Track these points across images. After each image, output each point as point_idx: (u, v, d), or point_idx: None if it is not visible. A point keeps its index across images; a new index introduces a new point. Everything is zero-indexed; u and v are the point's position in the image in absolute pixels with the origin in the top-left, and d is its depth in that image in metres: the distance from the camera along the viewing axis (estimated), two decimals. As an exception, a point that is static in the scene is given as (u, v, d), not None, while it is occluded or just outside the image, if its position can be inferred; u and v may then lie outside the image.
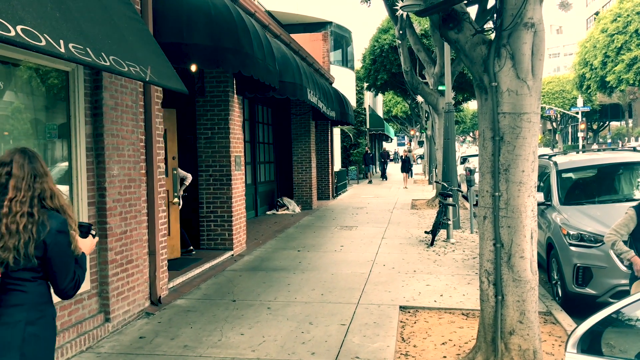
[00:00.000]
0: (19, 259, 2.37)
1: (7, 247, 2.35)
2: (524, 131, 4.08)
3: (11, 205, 2.39)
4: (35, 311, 2.43)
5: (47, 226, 2.42)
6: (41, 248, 2.41)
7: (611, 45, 39.17)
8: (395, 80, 26.49)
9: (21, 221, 2.37)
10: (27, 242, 2.36)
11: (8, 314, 2.36)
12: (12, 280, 2.40)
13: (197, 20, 6.49)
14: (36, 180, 2.46)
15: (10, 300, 2.39)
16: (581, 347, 2.68)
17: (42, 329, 2.45)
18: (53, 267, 2.44)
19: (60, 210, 2.51)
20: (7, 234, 2.36)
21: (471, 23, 4.22)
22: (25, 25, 3.26)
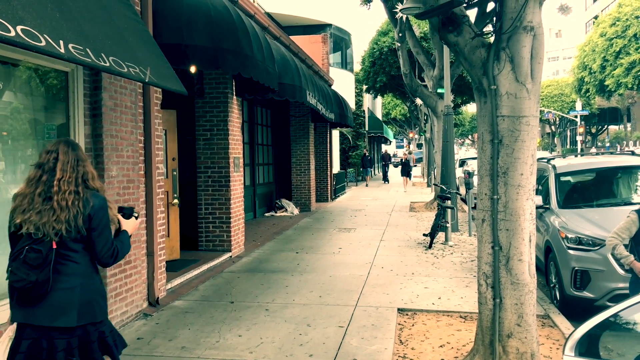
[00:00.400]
0: (70, 230, 2.75)
1: (60, 219, 2.73)
2: (522, 134, 4.08)
3: (60, 184, 2.77)
4: (87, 278, 2.85)
5: (91, 202, 2.83)
6: (86, 221, 2.80)
7: (610, 49, 39.27)
8: (395, 83, 26.52)
9: (69, 198, 2.76)
10: (75, 215, 2.76)
11: (66, 281, 2.77)
12: (66, 252, 2.79)
13: (197, 21, 6.50)
14: (79, 164, 2.87)
15: (67, 269, 2.78)
16: (579, 351, 2.69)
17: (93, 293, 2.87)
18: (93, 238, 2.83)
19: (99, 190, 2.94)
20: (58, 209, 2.74)
21: (470, 26, 4.23)
22: (25, 25, 3.26)
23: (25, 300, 2.73)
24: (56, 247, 2.75)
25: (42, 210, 2.75)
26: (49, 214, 2.74)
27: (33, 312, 2.73)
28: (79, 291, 2.80)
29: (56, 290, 2.75)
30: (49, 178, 2.80)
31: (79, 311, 2.78)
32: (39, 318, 2.72)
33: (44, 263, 2.69)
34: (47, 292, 2.72)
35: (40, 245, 2.71)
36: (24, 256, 2.69)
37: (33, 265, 2.68)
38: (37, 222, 2.74)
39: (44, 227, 2.73)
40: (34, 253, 2.69)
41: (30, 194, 2.79)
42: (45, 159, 2.85)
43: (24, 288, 2.68)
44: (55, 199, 2.75)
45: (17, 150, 4.65)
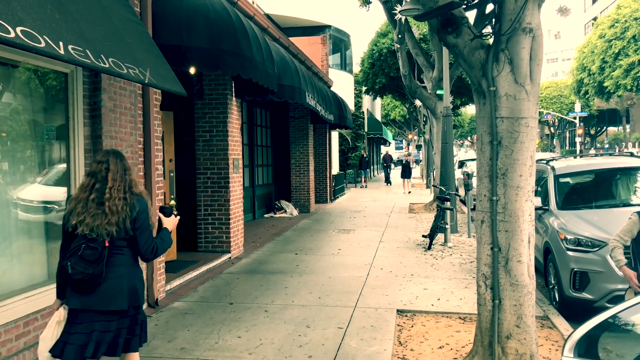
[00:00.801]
0: (120, 230, 3.20)
1: (111, 222, 3.16)
2: (521, 136, 4.09)
3: (111, 192, 3.20)
4: (131, 268, 3.32)
5: (137, 207, 3.26)
6: (132, 223, 3.23)
7: (609, 51, 39.29)
8: (394, 84, 26.55)
9: (119, 203, 3.19)
10: (124, 219, 3.20)
11: (115, 271, 3.23)
12: (115, 248, 3.24)
13: (196, 22, 6.50)
14: (126, 173, 3.30)
15: (116, 261, 3.24)
16: (578, 352, 2.69)
17: (137, 281, 3.34)
18: (137, 237, 3.26)
19: (141, 195, 3.35)
20: (110, 213, 3.17)
21: (470, 28, 4.24)
22: (24, 26, 3.26)
23: (82, 289, 3.18)
24: (108, 245, 3.19)
25: (95, 214, 3.17)
26: (101, 218, 3.17)
27: (89, 299, 3.17)
28: (126, 279, 3.26)
29: (108, 279, 3.20)
30: (102, 186, 3.23)
31: (127, 296, 3.24)
32: (94, 304, 3.17)
33: (99, 258, 3.14)
34: (101, 282, 3.18)
35: (95, 243, 3.15)
36: (81, 253, 3.13)
37: (90, 260, 3.12)
38: (91, 224, 3.15)
39: (97, 229, 3.15)
40: (90, 250, 3.13)
41: (84, 199, 3.22)
42: (97, 169, 3.28)
43: (82, 279, 3.13)
44: (107, 205, 3.18)
45: (16, 151, 4.65)
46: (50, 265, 4.94)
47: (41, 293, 4.62)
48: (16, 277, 4.56)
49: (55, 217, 5.11)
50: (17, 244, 4.60)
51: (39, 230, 4.91)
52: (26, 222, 4.76)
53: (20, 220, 4.68)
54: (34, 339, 4.52)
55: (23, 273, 4.65)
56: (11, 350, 4.27)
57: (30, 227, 4.81)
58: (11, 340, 4.28)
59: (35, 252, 4.83)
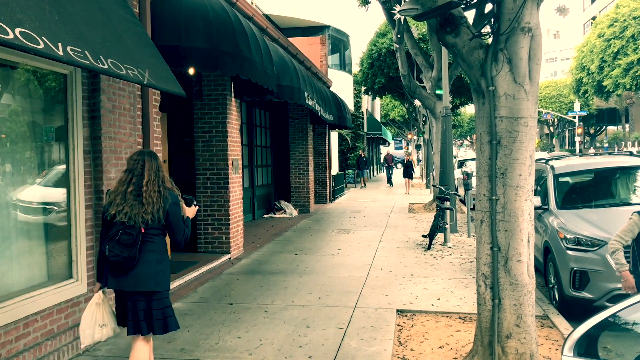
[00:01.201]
0: (154, 220, 3.62)
1: (147, 211, 3.60)
2: (521, 135, 4.09)
3: (147, 185, 3.64)
4: (161, 255, 3.70)
5: (169, 200, 3.68)
6: (165, 214, 3.65)
7: (608, 50, 39.30)
8: (393, 84, 26.54)
9: (154, 195, 3.63)
10: (158, 209, 3.63)
11: (146, 257, 3.62)
12: (148, 235, 3.64)
13: (195, 23, 6.50)
14: (159, 170, 3.72)
15: (147, 248, 3.64)
16: (578, 351, 2.69)
17: (164, 266, 3.71)
18: (172, 226, 3.70)
19: (173, 190, 3.77)
20: (146, 204, 3.60)
21: (469, 27, 4.24)
22: (23, 28, 3.26)
23: (118, 271, 3.61)
24: (143, 231, 3.61)
25: (133, 204, 3.61)
26: (139, 207, 3.61)
27: (123, 280, 3.60)
28: (155, 264, 3.65)
29: (140, 264, 3.60)
30: (138, 180, 3.66)
31: (155, 280, 3.63)
32: (127, 285, 3.60)
33: (134, 243, 3.56)
34: (135, 266, 3.58)
35: (132, 230, 3.58)
36: (119, 238, 3.56)
37: (126, 244, 3.55)
38: (129, 213, 3.59)
39: (134, 217, 3.59)
40: (126, 235, 3.56)
41: (123, 192, 3.66)
42: (134, 166, 3.71)
43: (118, 262, 3.56)
44: (144, 196, 3.62)
45: (15, 152, 4.65)
46: (49, 266, 4.94)
47: (41, 294, 4.62)
48: (16, 279, 4.56)
49: (55, 218, 5.11)
50: (16, 245, 4.60)
51: (39, 232, 4.91)
52: (26, 223, 4.76)
53: (19, 222, 4.68)
54: (33, 340, 4.52)
55: (23, 274, 4.65)
56: (11, 352, 4.27)
57: (30, 228, 4.81)
58: (11, 341, 4.27)
59: (34, 254, 4.83)
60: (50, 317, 4.73)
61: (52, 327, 4.76)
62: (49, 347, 4.62)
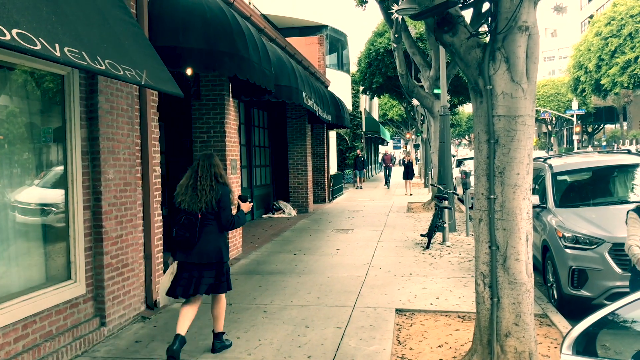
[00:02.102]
0: (208, 207, 4.63)
1: (201, 201, 4.59)
2: (518, 134, 4.09)
3: (200, 180, 4.66)
4: (217, 234, 4.71)
5: (220, 191, 4.67)
6: (217, 202, 4.64)
7: (605, 49, 39.35)
8: (391, 84, 26.54)
9: (206, 189, 4.62)
10: (210, 200, 4.62)
11: (206, 236, 4.64)
12: (206, 220, 4.66)
13: (193, 23, 6.49)
14: (212, 168, 4.70)
15: (206, 230, 4.66)
16: (576, 349, 2.69)
17: (221, 244, 4.73)
18: (221, 213, 4.68)
19: (226, 184, 4.76)
20: (200, 194, 4.60)
21: (466, 26, 4.24)
22: (20, 29, 3.26)
23: (184, 248, 4.63)
24: (200, 217, 4.61)
25: (192, 195, 4.64)
26: (195, 198, 4.62)
27: (189, 255, 4.62)
28: (213, 242, 4.66)
29: (200, 242, 4.61)
30: (195, 176, 4.69)
31: (214, 252, 4.66)
32: (192, 258, 4.63)
33: (193, 226, 4.58)
34: (196, 243, 4.59)
35: (192, 215, 4.59)
36: (182, 221, 4.59)
37: (187, 226, 4.58)
38: (189, 202, 4.63)
39: (193, 205, 4.61)
40: (187, 220, 4.58)
41: (185, 185, 4.71)
42: (193, 165, 4.77)
43: (182, 241, 4.59)
44: (198, 189, 4.62)
45: (13, 154, 4.64)
46: (48, 267, 4.94)
47: (39, 296, 4.61)
48: (14, 280, 4.55)
49: (53, 219, 5.10)
50: (15, 247, 4.60)
51: (37, 233, 4.90)
52: (24, 225, 4.76)
53: (18, 223, 4.67)
54: (32, 342, 4.51)
55: (21, 276, 4.64)
56: (10, 353, 4.26)
57: (28, 230, 4.80)
58: (9, 343, 4.27)
59: (33, 255, 4.82)
60: (48, 318, 4.72)
61: (51, 329, 4.75)
62: (47, 349, 4.61)
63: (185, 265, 4.65)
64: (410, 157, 24.51)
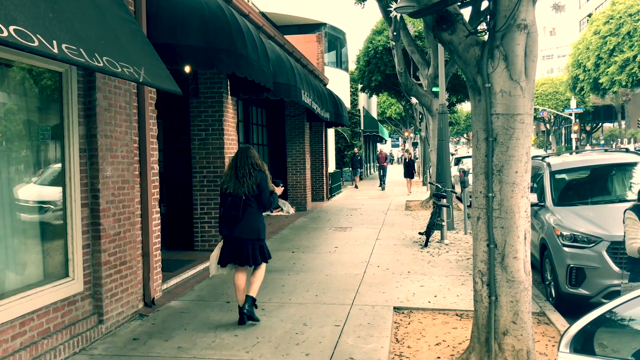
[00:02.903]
0: (250, 191, 5.47)
1: (242, 186, 5.45)
2: (517, 132, 4.09)
3: (240, 169, 5.50)
4: (257, 215, 5.58)
5: (258, 177, 5.51)
6: (256, 187, 5.48)
7: (604, 47, 39.40)
8: (390, 82, 26.54)
9: (246, 176, 5.48)
10: (252, 184, 5.46)
11: (247, 216, 5.49)
12: (248, 201, 5.48)
13: (191, 21, 6.48)
14: (249, 158, 5.55)
15: (248, 210, 5.49)
16: (574, 347, 2.69)
17: (259, 223, 5.59)
18: (260, 195, 5.52)
19: (262, 170, 5.58)
20: (241, 181, 5.45)
21: (465, 24, 4.24)
22: (17, 25, 3.25)
23: (229, 225, 5.49)
24: (244, 198, 5.46)
25: (235, 182, 5.48)
26: (237, 184, 5.47)
27: (232, 230, 5.49)
28: (253, 222, 5.52)
29: (243, 220, 5.47)
30: (235, 166, 5.54)
31: (254, 230, 5.52)
32: (236, 234, 5.49)
33: (237, 206, 5.43)
34: (239, 221, 5.45)
35: (236, 198, 5.45)
36: (229, 203, 5.45)
37: (233, 207, 5.43)
38: (233, 187, 5.48)
39: (236, 190, 5.47)
40: (232, 201, 5.44)
41: (228, 174, 5.60)
42: (234, 157, 5.62)
43: (228, 218, 5.45)
44: (239, 176, 5.49)
45: (11, 151, 4.63)
46: (45, 265, 4.93)
47: (37, 293, 4.61)
48: (12, 277, 4.54)
49: (51, 216, 5.09)
50: (12, 244, 4.59)
51: (35, 230, 4.89)
52: (21, 222, 4.75)
53: (15, 220, 4.66)
54: (30, 339, 4.51)
55: (18, 273, 4.63)
56: (7, 351, 4.26)
57: (26, 227, 4.79)
58: (7, 340, 4.26)
59: (30, 252, 4.81)
60: (46, 315, 4.72)
61: (49, 326, 4.75)
62: (45, 346, 4.61)
63: (230, 239, 5.51)
64: (411, 155, 23.97)
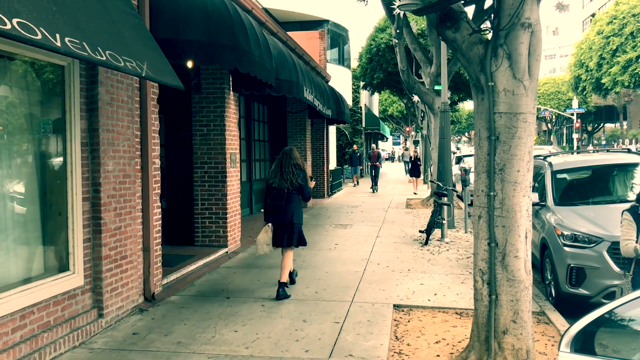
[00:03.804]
0: (293, 185, 6.53)
1: (286, 182, 6.51)
2: (519, 131, 4.09)
3: (283, 168, 6.58)
4: (297, 203, 6.65)
5: (299, 175, 6.58)
6: (297, 182, 6.53)
7: (607, 47, 39.32)
8: (392, 80, 26.49)
9: (290, 173, 6.54)
10: (293, 180, 6.52)
11: (289, 206, 6.54)
12: (290, 194, 6.54)
13: (194, 16, 6.47)
14: (291, 159, 6.63)
15: (290, 200, 6.55)
16: (574, 347, 2.70)
17: (300, 211, 6.69)
18: (301, 189, 6.59)
19: (303, 169, 6.67)
20: (285, 178, 6.51)
21: (468, 22, 4.23)
22: (21, 18, 3.24)
23: (274, 213, 6.59)
24: (287, 191, 6.52)
25: (280, 178, 6.56)
26: (282, 180, 6.55)
27: (277, 218, 6.58)
28: (294, 210, 6.60)
29: (286, 209, 6.55)
30: (280, 165, 6.64)
31: (294, 216, 6.57)
32: (280, 219, 6.57)
33: (282, 198, 6.51)
34: (283, 210, 6.53)
35: (280, 191, 6.52)
36: (274, 194, 6.53)
37: (277, 198, 6.52)
38: (278, 182, 6.55)
39: (280, 185, 6.54)
40: (277, 194, 6.53)
41: (274, 171, 6.65)
42: (279, 157, 6.71)
43: (273, 208, 6.56)
44: (283, 174, 6.57)
45: (13, 144, 4.63)
46: (46, 258, 4.94)
47: (37, 286, 4.61)
48: (12, 271, 4.55)
49: (52, 210, 5.09)
50: (13, 238, 4.59)
51: (35, 224, 4.89)
52: (22, 216, 4.75)
53: (16, 214, 4.66)
54: (30, 332, 4.51)
55: (19, 266, 4.64)
56: (7, 344, 4.26)
57: (27, 221, 4.79)
58: (7, 333, 4.27)
59: (31, 246, 4.82)
60: (46, 309, 4.72)
61: (49, 319, 4.75)
62: (45, 339, 4.61)
63: (275, 224, 6.60)
64: (416, 154, 22.77)
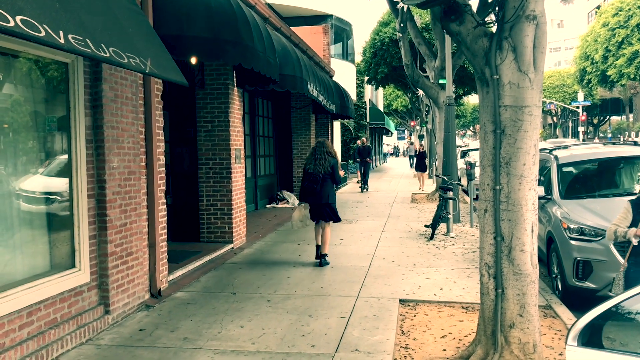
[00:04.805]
0: (325, 171, 7.82)
1: (320, 168, 7.81)
2: (525, 124, 4.06)
3: (317, 155, 7.92)
4: (331, 187, 7.98)
5: (331, 162, 7.89)
6: (330, 168, 7.85)
7: (612, 40, 39.09)
8: (396, 74, 26.43)
9: (323, 159, 7.86)
10: (327, 165, 7.84)
11: (324, 188, 7.84)
12: (324, 178, 7.84)
13: (197, 12, 6.46)
14: (324, 148, 7.98)
15: (324, 184, 7.84)
16: (582, 340, 2.69)
17: (333, 192, 8.05)
18: (333, 173, 7.90)
19: (334, 157, 8.01)
20: (319, 164, 7.83)
21: (473, 15, 4.20)
22: (24, 15, 3.24)
23: (311, 194, 7.79)
24: (321, 176, 7.71)
25: (314, 164, 7.79)
26: (316, 166, 7.76)
27: (313, 198, 7.81)
28: (328, 191, 7.82)
29: (321, 191, 7.73)
30: (315, 153, 7.92)
31: (329, 197, 7.83)
32: (316, 200, 7.81)
33: (317, 181, 7.72)
34: (319, 191, 7.74)
35: (316, 175, 7.74)
36: (311, 178, 7.75)
37: (313, 181, 7.74)
38: (313, 168, 7.78)
39: (316, 170, 7.76)
40: (314, 178, 7.75)
41: (310, 158, 7.94)
42: (313, 146, 8.07)
43: (309, 190, 7.77)
44: (317, 160, 7.80)
45: (18, 142, 4.64)
46: (52, 255, 4.95)
47: (44, 283, 4.63)
48: (19, 268, 4.57)
49: (57, 207, 5.10)
50: (19, 235, 4.61)
51: (41, 221, 4.91)
52: (28, 213, 4.76)
53: (22, 211, 4.68)
54: (37, 329, 4.53)
55: (26, 263, 4.66)
56: (15, 340, 4.28)
57: (33, 218, 4.81)
58: (14, 330, 4.29)
59: (37, 243, 4.83)
60: (53, 306, 4.74)
61: (56, 316, 4.77)
62: (52, 336, 4.64)
63: (313, 204, 7.81)
64: (422, 148, 21.88)
